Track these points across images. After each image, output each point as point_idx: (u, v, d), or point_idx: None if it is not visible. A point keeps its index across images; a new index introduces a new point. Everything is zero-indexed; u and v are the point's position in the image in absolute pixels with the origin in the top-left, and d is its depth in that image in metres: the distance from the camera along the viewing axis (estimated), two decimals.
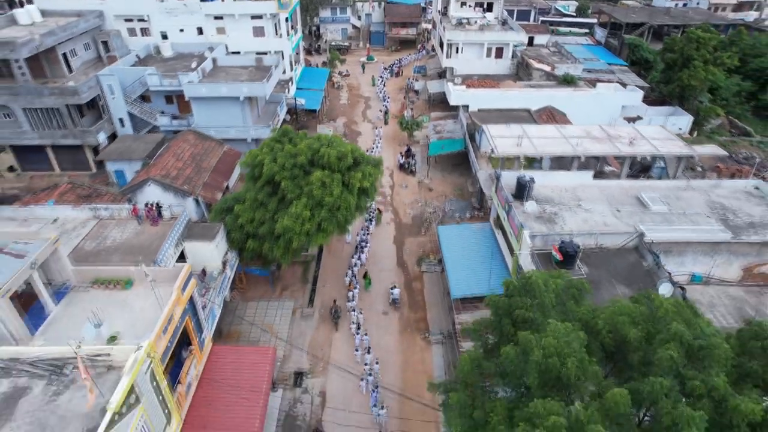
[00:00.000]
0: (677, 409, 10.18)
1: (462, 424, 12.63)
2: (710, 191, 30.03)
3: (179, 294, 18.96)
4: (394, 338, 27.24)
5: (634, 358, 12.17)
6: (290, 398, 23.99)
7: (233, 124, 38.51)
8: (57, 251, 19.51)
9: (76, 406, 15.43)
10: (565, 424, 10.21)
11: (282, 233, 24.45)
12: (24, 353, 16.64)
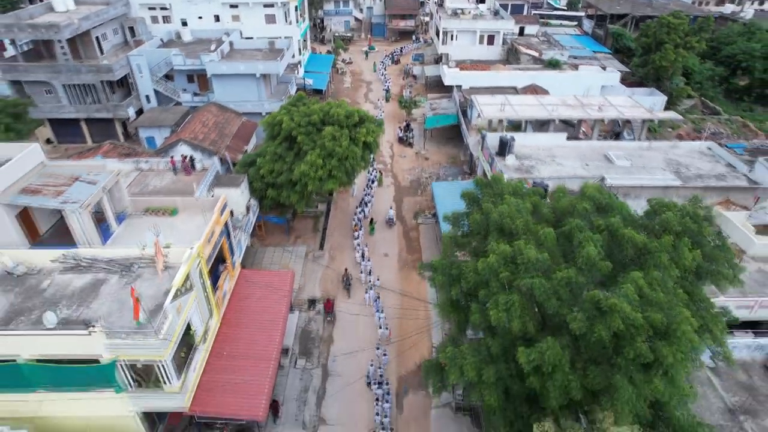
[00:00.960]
0: (583, 232, 14.34)
1: (442, 279, 16.86)
2: (669, 151, 34.32)
3: (218, 215, 23.22)
4: (394, 274, 31.51)
5: (564, 220, 16.22)
6: (305, 318, 28.26)
7: (249, 99, 42.78)
8: (119, 182, 23.78)
9: (144, 291, 19.66)
10: (510, 251, 14.38)
11: (299, 179, 28.70)
12: (101, 254, 20.90)
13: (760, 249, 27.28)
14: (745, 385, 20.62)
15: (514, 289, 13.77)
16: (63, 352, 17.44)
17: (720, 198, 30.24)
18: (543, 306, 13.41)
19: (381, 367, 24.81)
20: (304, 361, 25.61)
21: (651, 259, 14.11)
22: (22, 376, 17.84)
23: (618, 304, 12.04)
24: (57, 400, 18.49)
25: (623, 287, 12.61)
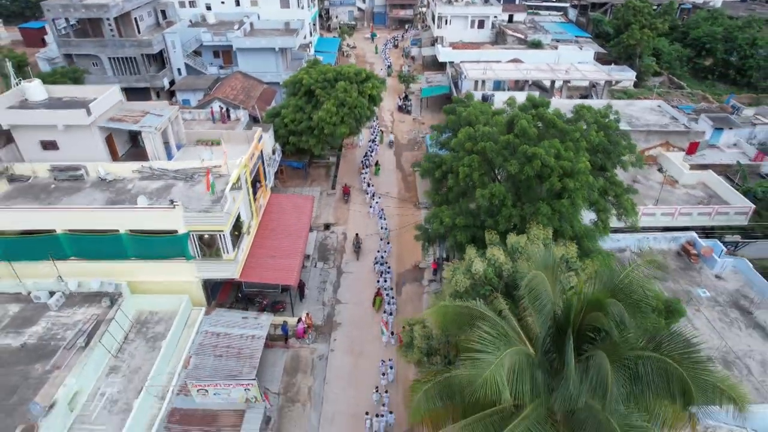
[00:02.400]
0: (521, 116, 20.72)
1: (428, 165, 23.15)
2: (625, 108, 40.55)
3: (256, 142, 29.49)
4: (394, 205, 37.81)
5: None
6: (322, 235, 34.56)
7: (269, 70, 49.06)
8: (178, 117, 30.08)
9: (203, 191, 25.88)
10: (472, 131, 20.61)
11: (317, 124, 34.97)
12: (169, 166, 27.18)
13: (687, 178, 33.67)
14: (662, 263, 26.88)
15: (474, 154, 20.00)
16: (151, 226, 23.65)
17: (661, 141, 36.54)
18: (493, 162, 19.60)
19: (384, 254, 31.51)
20: (322, 264, 31.94)
21: (567, 135, 20.26)
22: (121, 246, 24.09)
23: (538, 152, 18.16)
24: (144, 268, 24.70)
25: (543, 144, 18.78)
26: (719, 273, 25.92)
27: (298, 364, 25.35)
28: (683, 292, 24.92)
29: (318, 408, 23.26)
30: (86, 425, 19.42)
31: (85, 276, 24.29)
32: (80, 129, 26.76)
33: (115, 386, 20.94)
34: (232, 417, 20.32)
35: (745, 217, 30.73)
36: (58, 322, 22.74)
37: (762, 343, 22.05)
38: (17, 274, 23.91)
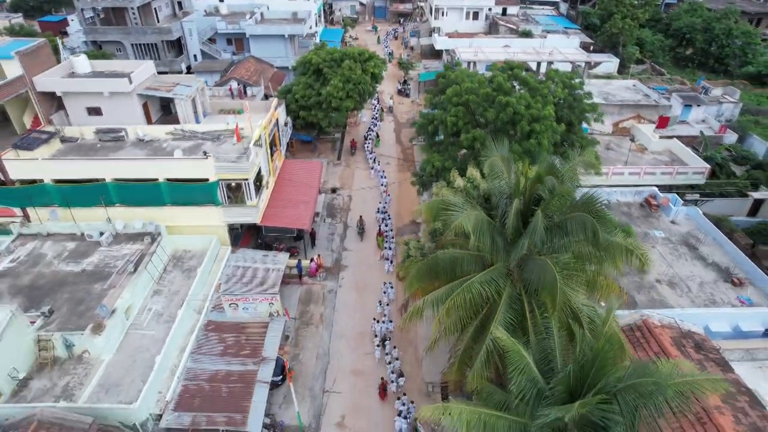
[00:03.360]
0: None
1: (423, 121, 27.13)
2: (604, 86, 44.57)
3: (273, 110, 33.47)
4: (395, 173, 41.79)
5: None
6: (330, 197, 38.54)
7: (279, 56, 53.03)
8: (203, 88, 34.07)
9: (227, 148, 29.82)
10: (458, 88, 24.60)
11: (325, 99, 38.92)
12: (198, 128, 31.17)
13: (655, 146, 37.67)
14: (626, 213, 30.79)
15: (459, 106, 23.97)
16: (186, 175, 27.63)
17: (633, 114, 40.52)
18: (474, 111, 23.54)
19: (384, 205, 35.95)
20: (330, 219, 35.95)
21: (537, 91, 24.20)
22: (160, 193, 28.05)
23: (511, 101, 22.10)
24: (179, 213, 28.63)
25: (515, 95, 22.69)
26: (674, 219, 29.84)
27: (311, 296, 29.36)
28: (642, 233, 28.84)
29: (329, 328, 27.26)
30: (139, 330, 23.41)
31: (129, 219, 28.29)
32: (122, 96, 30.79)
33: (160, 304, 24.93)
34: (258, 327, 24.28)
35: (702, 176, 34.73)
36: (109, 255, 26.72)
37: (702, 270, 25.99)
38: (74, 218, 27.95)
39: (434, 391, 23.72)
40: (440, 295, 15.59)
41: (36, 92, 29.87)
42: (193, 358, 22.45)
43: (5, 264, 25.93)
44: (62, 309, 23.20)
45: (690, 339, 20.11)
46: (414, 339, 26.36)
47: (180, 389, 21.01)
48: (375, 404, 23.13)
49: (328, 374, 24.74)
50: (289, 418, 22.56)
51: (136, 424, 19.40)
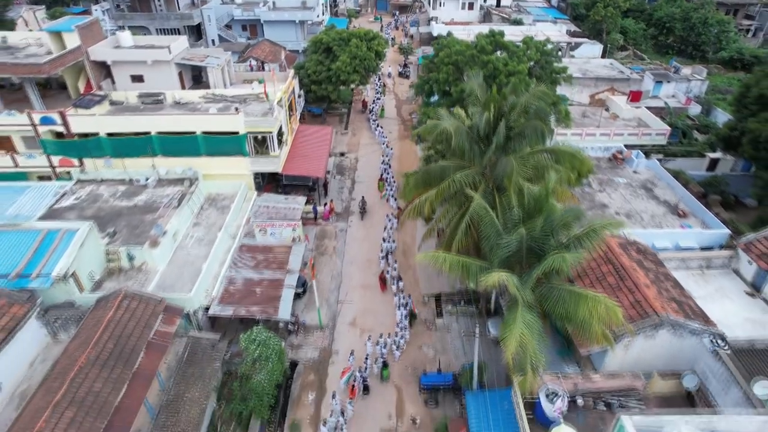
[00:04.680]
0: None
1: (421, 81, 31.86)
2: (583, 65, 49.29)
3: (291, 79, 38.22)
4: (396, 140, 46.56)
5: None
6: (339, 159, 43.33)
7: (290, 40, 57.82)
8: (230, 61, 38.82)
9: (253, 109, 34.49)
10: (449, 51, 29.28)
11: (334, 73, 43.68)
12: (226, 92, 35.92)
13: (625, 113, 42.42)
14: (596, 165, 35.45)
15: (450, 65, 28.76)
16: (219, 128, 32.33)
17: (607, 86, 45.28)
18: (462, 69, 28.28)
19: (386, 158, 40.75)
20: (339, 176, 40.73)
21: (514, 54, 28.90)
22: (196, 144, 32.79)
23: (491, 59, 26.83)
24: (212, 163, 33.33)
25: (495, 55, 27.45)
26: (635, 169, 34.55)
27: (325, 234, 34.16)
28: (608, 179, 33.62)
29: (341, 257, 32.06)
30: (184, 250, 28.20)
31: (171, 167, 33.04)
32: (162, 64, 35.53)
33: (200, 232, 29.70)
34: (283, 249, 29.04)
35: (664, 137, 39.52)
36: (155, 194, 31.46)
37: (655, 206, 30.69)
38: (124, 166, 32.72)
39: (429, 300, 28.54)
40: (432, 194, 20.35)
41: (90, 61, 34.61)
42: (231, 269, 27.24)
43: (71, 201, 30.69)
44: (122, 232, 27.95)
45: (634, 246, 24.86)
46: (413, 263, 31.14)
47: (222, 290, 25.80)
48: (380, 308, 27.92)
49: (341, 289, 29.54)
50: (310, 319, 27.36)
51: (190, 312, 24.17)
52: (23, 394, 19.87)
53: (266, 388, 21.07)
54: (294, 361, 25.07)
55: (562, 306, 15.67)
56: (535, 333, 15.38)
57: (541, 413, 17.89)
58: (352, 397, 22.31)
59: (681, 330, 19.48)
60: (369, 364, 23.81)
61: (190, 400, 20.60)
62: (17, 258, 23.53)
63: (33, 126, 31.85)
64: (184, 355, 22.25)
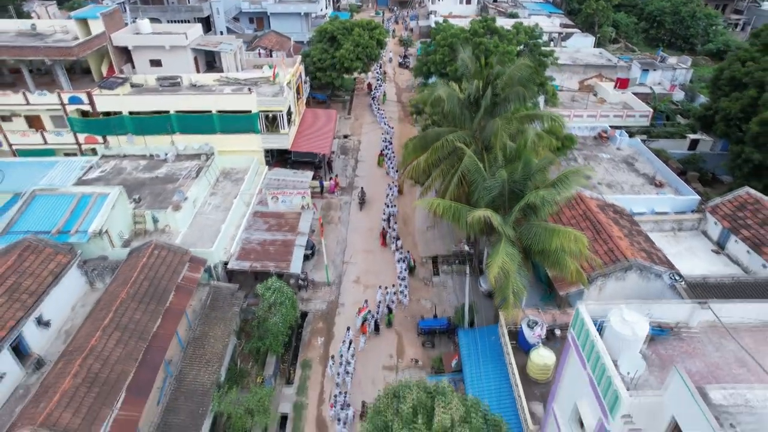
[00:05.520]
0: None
1: (419, 64, 34.41)
2: (574, 54, 51.86)
3: (298, 65, 40.82)
4: (396, 123, 49.18)
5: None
6: (342, 141, 45.94)
7: (296, 31, 60.44)
8: (241, 47, 41.44)
9: (264, 91, 37.12)
10: (444, 34, 31.85)
11: (338, 60, 46.28)
12: (239, 76, 38.53)
13: (612, 98, 44.99)
14: (582, 143, 38.09)
15: (446, 47, 31.37)
16: (232, 107, 34.96)
17: (596, 73, 47.87)
18: (457, 51, 30.90)
19: (387, 136, 43.47)
20: (343, 156, 43.36)
21: (504, 37, 31.52)
22: (211, 122, 35.43)
23: (483, 41, 29.41)
24: (226, 140, 35.94)
25: (486, 38, 30.07)
26: (619, 146, 37.15)
27: (330, 206, 36.77)
28: (593, 155, 36.21)
29: (346, 225, 34.69)
30: (203, 216, 30.81)
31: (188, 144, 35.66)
32: (179, 50, 38.16)
33: (216, 200, 32.32)
34: (293, 215, 31.65)
35: (646, 119, 42.13)
36: (174, 167, 34.02)
37: (634, 177, 33.24)
38: (145, 142, 35.33)
39: (426, 261, 31.17)
40: (428, 153, 22.97)
41: (112, 46, 37.23)
42: (246, 231, 29.87)
43: (97, 173, 33.26)
44: (146, 198, 30.54)
45: (611, 207, 27.46)
46: (412, 230, 33.76)
47: (239, 248, 28.42)
48: (382, 268, 30.53)
49: (346, 252, 32.17)
50: (318, 277, 29.98)
51: (210, 266, 26.79)
52: (68, 332, 22.45)
53: (281, 328, 23.69)
54: (304, 312, 27.70)
55: (538, 240, 18.25)
56: (516, 263, 17.96)
57: (523, 341, 20.50)
58: (364, 332, 25.05)
59: (647, 272, 22.06)
60: (381, 310, 26.50)
61: (213, 337, 23.23)
62: (57, 217, 26.17)
63: (62, 105, 34.52)
64: (207, 301, 24.87)
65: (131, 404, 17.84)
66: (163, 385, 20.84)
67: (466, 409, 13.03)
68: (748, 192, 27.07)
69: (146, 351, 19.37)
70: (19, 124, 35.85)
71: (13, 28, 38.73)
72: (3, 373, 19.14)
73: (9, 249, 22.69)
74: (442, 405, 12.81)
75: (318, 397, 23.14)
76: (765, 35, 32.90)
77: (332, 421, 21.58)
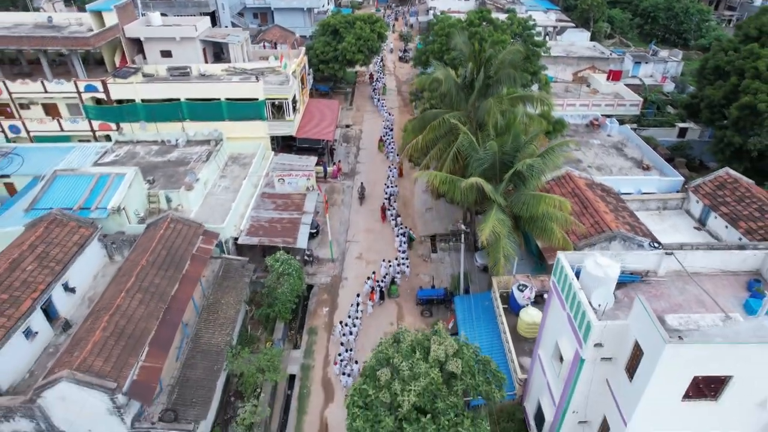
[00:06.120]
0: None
1: (420, 53, 36.10)
2: (568, 47, 53.47)
3: (303, 56, 42.40)
4: (396, 114, 50.80)
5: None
6: (345, 130, 47.56)
7: (298, 26, 62.00)
8: (247, 39, 43.02)
9: (271, 79, 38.69)
10: (443, 23, 33.49)
11: (341, 53, 47.88)
12: (246, 66, 40.12)
13: (604, 89, 46.59)
14: (575, 130, 39.69)
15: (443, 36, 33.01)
16: (240, 95, 36.54)
17: (589, 65, 49.47)
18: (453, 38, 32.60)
19: (388, 123, 45.07)
20: (346, 144, 44.98)
21: (498, 27, 33.13)
22: (220, 110, 37.03)
23: (478, 30, 31.03)
24: (234, 126, 37.52)
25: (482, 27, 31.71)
26: (609, 133, 38.75)
27: (333, 189, 38.39)
28: (585, 141, 37.81)
29: (348, 207, 36.31)
30: (214, 197, 32.43)
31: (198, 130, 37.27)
32: (188, 41, 39.71)
33: (226, 182, 33.93)
34: (298, 196, 33.24)
35: (637, 107, 43.74)
36: (185, 152, 35.60)
37: (623, 161, 34.83)
38: (157, 129, 36.93)
39: (425, 240, 32.79)
40: (426, 133, 24.59)
41: (125, 37, 38.81)
42: (255, 210, 31.49)
43: (111, 157, 34.89)
44: (159, 180, 32.16)
45: (599, 186, 29.07)
46: (411, 212, 35.38)
47: (248, 225, 30.04)
48: (382, 246, 32.14)
49: (348, 232, 33.80)
50: (322, 254, 31.61)
51: (222, 240, 28.41)
52: (91, 298, 24.04)
53: (288, 297, 25.30)
54: (310, 285, 29.34)
55: (527, 207, 19.87)
56: (506, 228, 19.58)
57: (514, 303, 22.14)
58: (372, 300, 26.78)
59: (630, 242, 23.63)
60: (387, 280, 28.22)
61: (226, 304, 24.86)
62: (77, 195, 27.77)
63: (78, 93, 36.15)
64: (219, 272, 26.51)
65: (154, 356, 19.45)
66: (181, 345, 22.47)
67: (459, 346, 14.65)
68: (728, 172, 28.64)
69: (166, 311, 20.99)
70: (36, 112, 37.46)
71: (30, 21, 40.29)
72: (36, 331, 20.77)
73: (37, 222, 24.35)
74: (437, 342, 14.42)
75: (323, 360, 24.76)
76: (746, 26, 34.47)
77: (337, 377, 23.21)
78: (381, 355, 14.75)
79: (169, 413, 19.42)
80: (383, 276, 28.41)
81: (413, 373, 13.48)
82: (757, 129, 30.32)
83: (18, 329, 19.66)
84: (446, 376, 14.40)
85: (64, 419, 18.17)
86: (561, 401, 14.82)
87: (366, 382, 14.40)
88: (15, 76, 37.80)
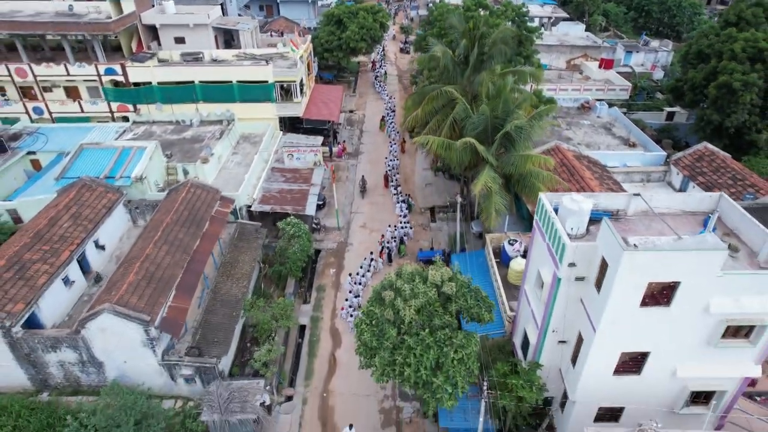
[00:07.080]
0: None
1: (418, 40, 38.18)
2: (562, 36, 55.57)
3: (309, 43, 44.53)
4: (397, 101, 52.94)
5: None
6: (348, 115, 49.70)
7: (303, 17, 64.13)
8: (256, 27, 45.15)
9: (281, 63, 40.86)
10: (440, 12, 35.60)
11: (345, 41, 50.00)
12: (255, 51, 42.25)
13: (596, 75, 48.69)
14: (566, 112, 41.80)
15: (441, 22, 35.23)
16: (250, 78, 38.67)
17: (581, 53, 51.57)
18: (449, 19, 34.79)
19: (390, 105, 47.19)
20: (349, 127, 47.13)
21: (494, 12, 35.31)
22: (232, 92, 39.17)
23: (475, 15, 33.16)
24: (244, 108, 39.61)
25: (478, 13, 33.82)
26: (599, 115, 40.89)
27: (338, 168, 40.51)
28: (575, 122, 39.94)
29: (353, 183, 38.45)
30: (227, 170, 34.57)
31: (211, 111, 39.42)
32: (201, 28, 41.88)
33: (238, 158, 36.08)
34: (307, 170, 35.38)
35: (626, 92, 45.86)
36: (199, 131, 37.74)
37: (611, 140, 36.96)
38: (172, 110, 39.08)
39: (424, 211, 34.97)
40: (425, 104, 26.71)
41: (141, 24, 40.97)
42: (266, 182, 33.64)
43: (130, 136, 37.08)
44: (176, 155, 34.32)
45: (586, 158, 31.21)
46: (412, 187, 37.54)
47: (260, 195, 32.19)
48: (384, 216, 34.29)
49: (353, 204, 35.96)
50: (329, 223, 33.77)
51: (236, 208, 30.56)
52: (118, 257, 26.21)
53: (299, 256, 27.47)
54: (318, 249, 31.51)
55: (515, 167, 22.00)
56: (497, 185, 21.73)
57: (505, 257, 24.28)
58: (381, 258, 29.04)
59: None
60: (393, 243, 30.49)
61: (242, 261, 27.02)
62: (103, 166, 29.92)
63: (98, 76, 38.28)
64: (235, 234, 28.68)
65: (180, 299, 21.62)
66: (202, 294, 24.63)
67: (453, 274, 16.80)
68: (706, 146, 30.75)
69: (189, 262, 23.16)
70: (58, 95, 39.59)
71: (51, 9, 42.40)
72: (73, 280, 22.96)
73: (68, 188, 26.53)
74: (434, 269, 16.59)
75: (331, 313, 26.94)
76: (726, 14, 36.56)
77: (345, 320, 25.45)
78: (386, 281, 16.91)
79: (194, 350, 21.58)
80: (389, 240, 30.61)
81: (413, 293, 15.63)
82: (734, 107, 32.40)
83: (58, 276, 21.86)
84: (443, 300, 16.55)
85: (103, 350, 20.35)
86: (542, 322, 16.97)
87: (372, 304, 16.56)
88: (38, 60, 39.93)
